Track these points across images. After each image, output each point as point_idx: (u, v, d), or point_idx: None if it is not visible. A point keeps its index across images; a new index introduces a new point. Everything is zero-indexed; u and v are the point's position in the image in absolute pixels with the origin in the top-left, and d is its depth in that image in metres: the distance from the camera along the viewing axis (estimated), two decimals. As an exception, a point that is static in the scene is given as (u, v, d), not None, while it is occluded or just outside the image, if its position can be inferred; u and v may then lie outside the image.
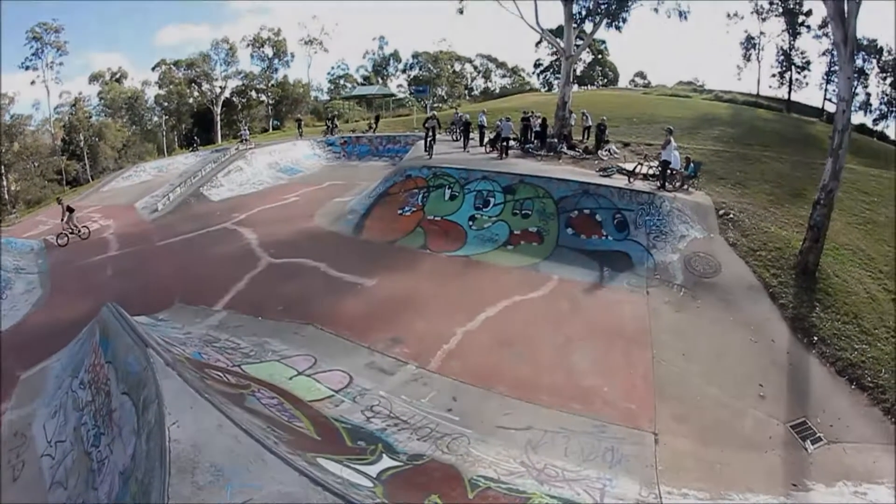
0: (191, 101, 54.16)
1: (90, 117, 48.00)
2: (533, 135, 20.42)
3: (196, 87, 53.69)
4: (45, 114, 47.05)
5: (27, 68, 44.25)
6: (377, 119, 36.02)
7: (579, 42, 25.87)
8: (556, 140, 20.29)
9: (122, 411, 6.12)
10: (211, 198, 23.15)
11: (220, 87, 54.03)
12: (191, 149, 40.05)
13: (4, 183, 39.57)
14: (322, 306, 10.73)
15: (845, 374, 8.91)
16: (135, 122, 52.81)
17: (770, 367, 8.87)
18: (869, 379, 8.77)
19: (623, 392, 7.88)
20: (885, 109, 40.62)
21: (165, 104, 52.94)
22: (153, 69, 52.72)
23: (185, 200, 23.05)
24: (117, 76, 52.81)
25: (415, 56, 62.40)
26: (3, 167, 39.00)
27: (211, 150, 35.27)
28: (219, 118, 52.65)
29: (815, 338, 9.63)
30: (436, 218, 14.44)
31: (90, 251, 17.65)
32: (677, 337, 9.20)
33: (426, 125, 19.92)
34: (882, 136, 37.63)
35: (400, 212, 15.41)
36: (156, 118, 53.72)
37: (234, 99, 56.26)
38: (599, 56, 61.95)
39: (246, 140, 31.88)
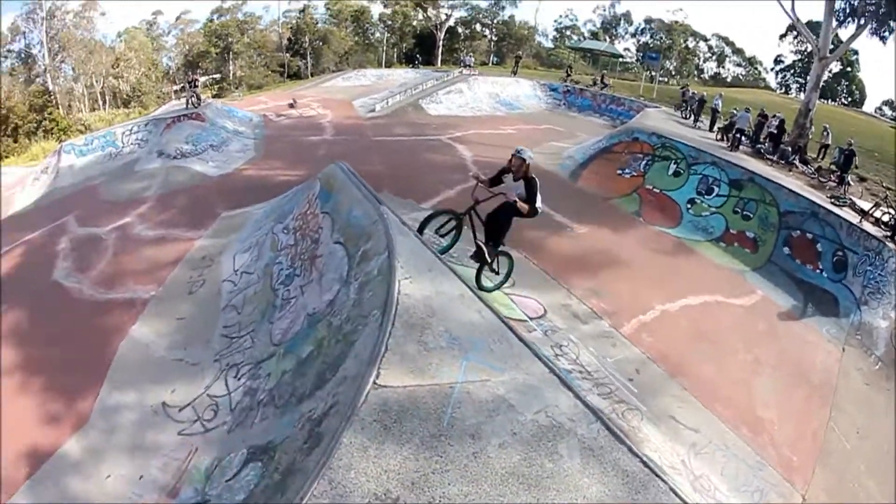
0: (415, 22, 59.48)
1: (316, 23, 55.93)
2: (767, 136, 20.15)
3: (422, 10, 58.69)
4: (274, 16, 56.09)
5: None
6: (602, 78, 35.58)
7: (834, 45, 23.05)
8: (789, 149, 19.68)
9: (329, 258, 6.56)
10: (428, 111, 25.58)
11: (446, 15, 58.37)
12: (412, 65, 45.08)
13: (232, 69, 48.92)
14: (528, 235, 10.97)
15: None
16: (358, 34, 59.53)
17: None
18: None
19: (790, 439, 7.89)
20: None
21: (389, 22, 58.91)
22: None
23: (402, 108, 25.57)
24: None
25: (647, 22, 62.22)
26: (230, 55, 48.38)
27: (431, 69, 39.35)
28: (441, 43, 57.15)
29: None
30: (654, 189, 14.93)
31: (306, 131, 20.19)
32: (859, 410, 9.07)
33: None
34: None
35: (619, 171, 15.86)
36: (378, 34, 60.29)
37: (458, 28, 60.69)
38: (848, 69, 53.96)
39: (470, 66, 35.09)
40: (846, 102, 53.97)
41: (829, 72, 49.50)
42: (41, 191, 18.01)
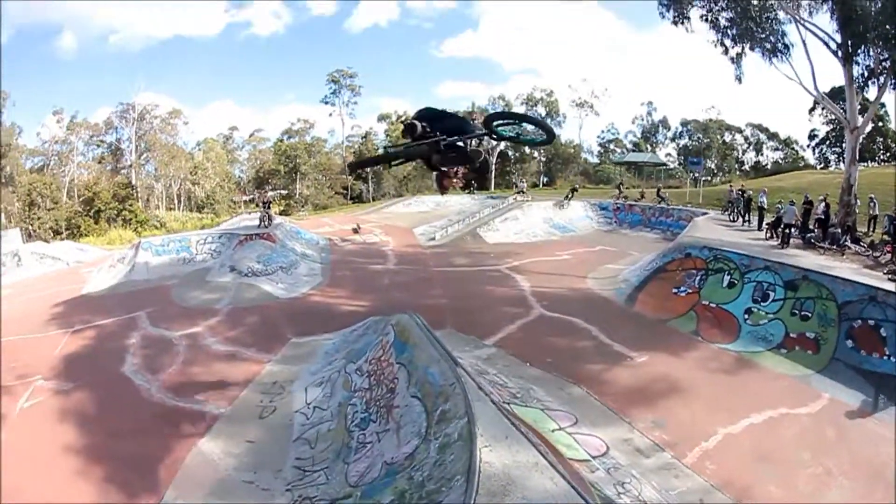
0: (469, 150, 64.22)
1: (377, 149, 60.75)
2: (815, 223, 19.89)
3: (476, 139, 63.47)
4: (338, 140, 62.95)
5: (326, 103, 60.98)
6: (659, 191, 36.69)
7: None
8: (839, 230, 19.33)
9: (407, 412, 7.09)
10: (486, 239, 26.93)
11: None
12: (468, 191, 47.72)
13: (298, 188, 53.79)
14: (589, 369, 11.50)
15: None
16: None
17: None
18: None
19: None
20: None
21: None
22: None
23: (461, 236, 27.14)
24: (402, 119, 64.82)
25: (683, 124, 65.32)
26: (297, 174, 54.00)
27: (486, 195, 41.69)
28: (493, 168, 60.71)
29: None
30: (711, 304, 14.90)
31: (370, 258, 21.55)
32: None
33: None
34: None
35: (675, 291, 16.01)
36: None
37: (508, 152, 64.78)
38: (880, 124, 53.41)
39: (523, 192, 37.78)
40: (885, 158, 52.86)
41: (862, 134, 49.21)
42: (116, 279, 19.58)
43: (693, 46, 71.74)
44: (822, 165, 56.53)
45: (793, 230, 18.83)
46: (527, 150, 64.71)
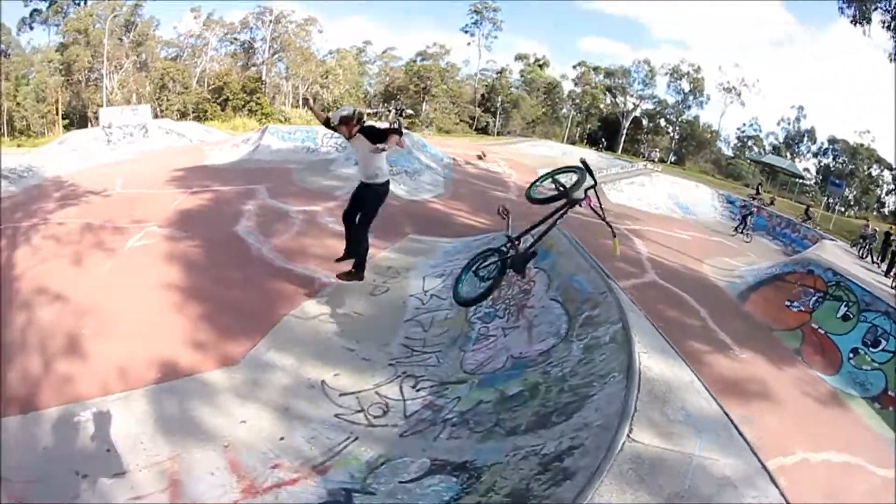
0: (602, 106, 66.07)
1: (510, 87, 63.67)
2: None
3: (610, 96, 65.52)
4: (472, 71, 64.59)
5: (465, 31, 62.54)
6: (807, 210, 35.37)
7: None
8: None
9: (543, 312, 6.93)
10: (609, 197, 26.91)
11: (633, 104, 64.49)
12: (595, 147, 50.06)
13: (425, 109, 56.39)
14: (692, 346, 11.49)
15: None
16: (547, 105, 65.84)
17: None
18: None
19: None
20: None
21: (577, 101, 65.68)
22: (574, 67, 66.29)
23: None
24: (540, 62, 66.53)
25: (831, 142, 62.63)
26: (426, 96, 56.73)
27: (613, 156, 43.09)
28: (624, 131, 62.87)
29: None
30: (819, 329, 14.62)
31: (491, 184, 22.38)
32: None
33: None
34: None
35: (787, 303, 15.79)
36: (565, 109, 66.99)
37: (643, 119, 65.80)
38: None
39: (654, 162, 39.42)
40: None
41: None
42: (238, 156, 20.45)
43: (864, 56, 64.64)
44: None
45: None
46: (663, 122, 65.83)
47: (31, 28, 50.43)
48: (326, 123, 7.69)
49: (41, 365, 6.63)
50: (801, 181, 55.90)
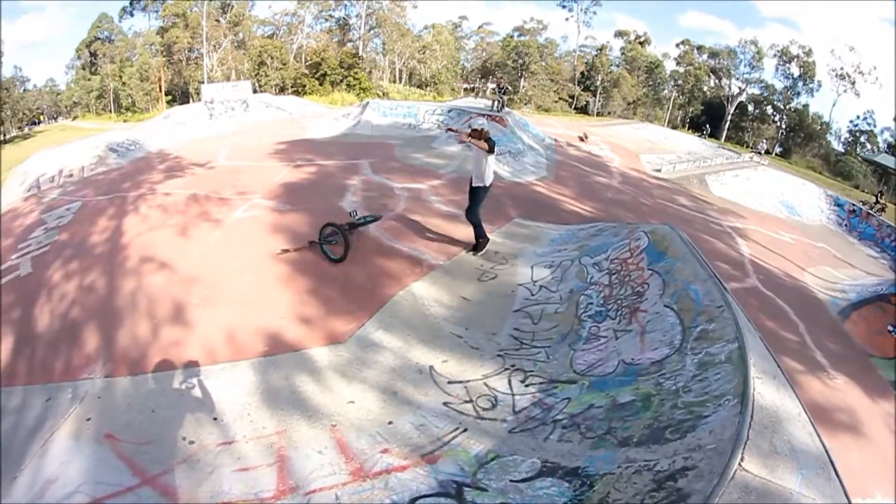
0: (705, 88, 63.55)
1: (611, 65, 62.42)
2: None
3: (714, 78, 62.97)
4: (570, 48, 64.04)
5: (563, 7, 61.70)
6: (880, 195, 34.24)
7: None
8: None
9: (657, 319, 6.81)
10: (712, 189, 26.21)
11: (739, 88, 61.49)
12: (699, 133, 48.06)
13: (523, 85, 55.75)
14: (786, 364, 10.83)
15: None
16: (648, 85, 64.27)
17: None
18: None
19: None
20: None
21: (680, 82, 63.65)
22: (676, 46, 64.37)
23: (687, 177, 26.70)
24: (641, 39, 64.70)
25: None
26: (524, 72, 56.54)
27: (717, 144, 41.45)
28: (729, 117, 60.39)
29: None
30: None
31: (594, 169, 21.86)
32: None
33: None
34: None
35: (891, 328, 14.62)
36: (667, 91, 64.86)
37: (748, 105, 62.62)
38: None
39: (761, 154, 37.04)
40: None
41: None
42: (339, 130, 20.97)
43: None
44: None
45: None
46: (769, 110, 62.22)
47: (132, 15, 55.72)
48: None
49: (150, 329, 7.06)
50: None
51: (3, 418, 5.50)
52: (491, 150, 9.28)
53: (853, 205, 31.39)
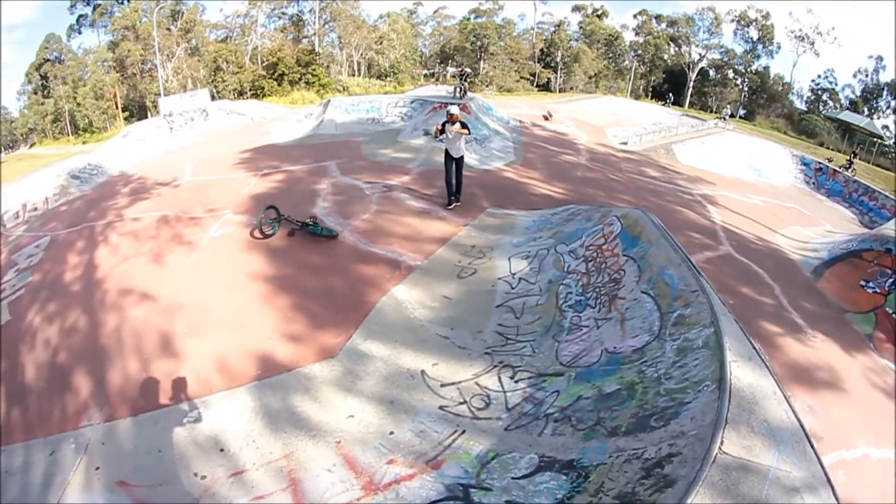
0: (666, 56, 64.58)
1: (570, 40, 62.73)
2: None
3: (674, 46, 64.14)
4: (528, 25, 64.57)
5: None
6: (853, 156, 34.76)
7: None
8: None
9: (635, 305, 7.01)
10: (679, 158, 26.61)
11: (699, 55, 63.07)
12: (662, 102, 49.26)
13: (484, 67, 56.40)
14: (764, 327, 11.14)
15: None
16: (608, 58, 65.07)
17: None
18: None
19: None
20: None
21: (640, 52, 64.42)
22: (634, 16, 65.07)
23: (654, 148, 27.09)
24: (599, 12, 65.42)
25: None
26: (484, 54, 57.09)
27: (681, 112, 42.18)
28: (691, 84, 61.66)
29: None
30: (893, 315, 13.82)
31: (561, 148, 22.15)
32: None
33: None
34: None
35: (863, 283, 14.99)
36: (627, 62, 65.83)
37: (710, 71, 64.09)
38: None
39: (725, 119, 37.71)
40: None
41: None
42: (303, 132, 20.92)
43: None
44: None
45: None
46: (731, 74, 63.99)
47: (80, 32, 54.38)
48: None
49: (141, 366, 7.02)
50: (879, 140, 52.31)
51: (9, 479, 5.45)
52: (469, 132, 11.87)
53: (819, 163, 32.14)
